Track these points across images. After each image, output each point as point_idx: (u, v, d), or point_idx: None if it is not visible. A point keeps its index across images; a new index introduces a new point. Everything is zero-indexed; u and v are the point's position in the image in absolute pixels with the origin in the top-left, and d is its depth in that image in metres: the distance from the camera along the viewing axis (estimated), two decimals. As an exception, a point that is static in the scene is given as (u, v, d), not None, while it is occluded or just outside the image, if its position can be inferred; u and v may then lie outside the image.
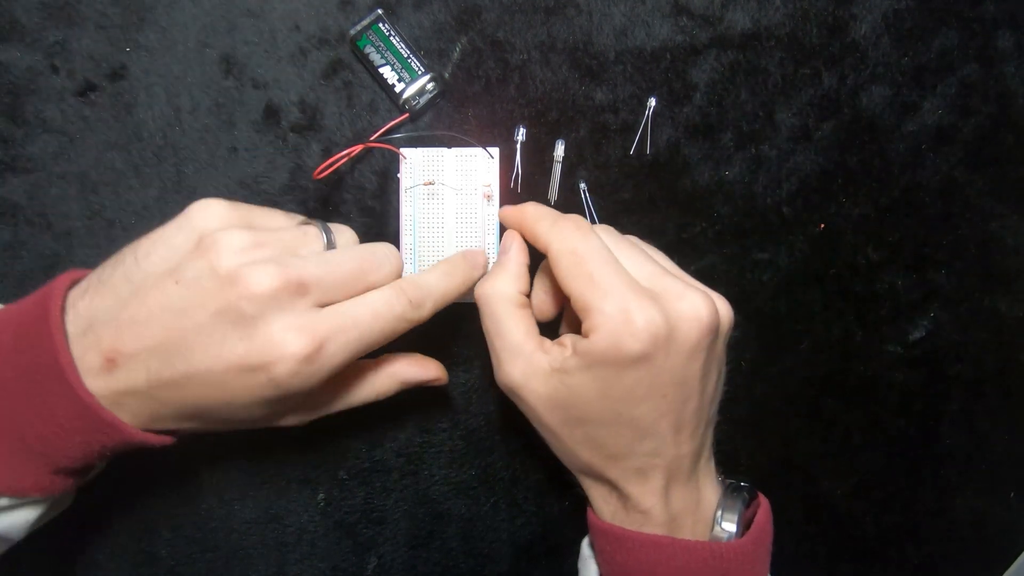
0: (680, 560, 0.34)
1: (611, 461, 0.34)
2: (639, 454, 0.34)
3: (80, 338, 0.30)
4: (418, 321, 0.34)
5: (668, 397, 0.33)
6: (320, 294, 0.31)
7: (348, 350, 0.31)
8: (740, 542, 0.34)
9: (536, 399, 0.34)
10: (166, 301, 0.29)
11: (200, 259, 0.30)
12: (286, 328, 0.29)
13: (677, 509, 0.35)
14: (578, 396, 0.33)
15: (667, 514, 0.35)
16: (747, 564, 0.34)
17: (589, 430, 0.34)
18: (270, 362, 0.29)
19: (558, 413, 0.34)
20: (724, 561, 0.34)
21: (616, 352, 0.31)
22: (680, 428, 0.34)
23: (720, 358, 0.35)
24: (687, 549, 0.34)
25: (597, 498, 0.36)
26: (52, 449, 0.29)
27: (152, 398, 0.30)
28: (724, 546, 0.34)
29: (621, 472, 0.34)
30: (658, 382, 0.32)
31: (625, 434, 0.33)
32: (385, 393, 0.37)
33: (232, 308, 0.29)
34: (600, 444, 0.34)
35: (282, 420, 0.35)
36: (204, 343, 0.29)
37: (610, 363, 0.32)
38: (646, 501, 0.34)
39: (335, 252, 0.33)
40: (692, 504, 0.35)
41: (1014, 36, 0.42)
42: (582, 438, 0.34)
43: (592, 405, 0.33)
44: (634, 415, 0.33)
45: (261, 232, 0.31)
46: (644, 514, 0.34)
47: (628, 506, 0.35)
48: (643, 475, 0.34)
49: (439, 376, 0.38)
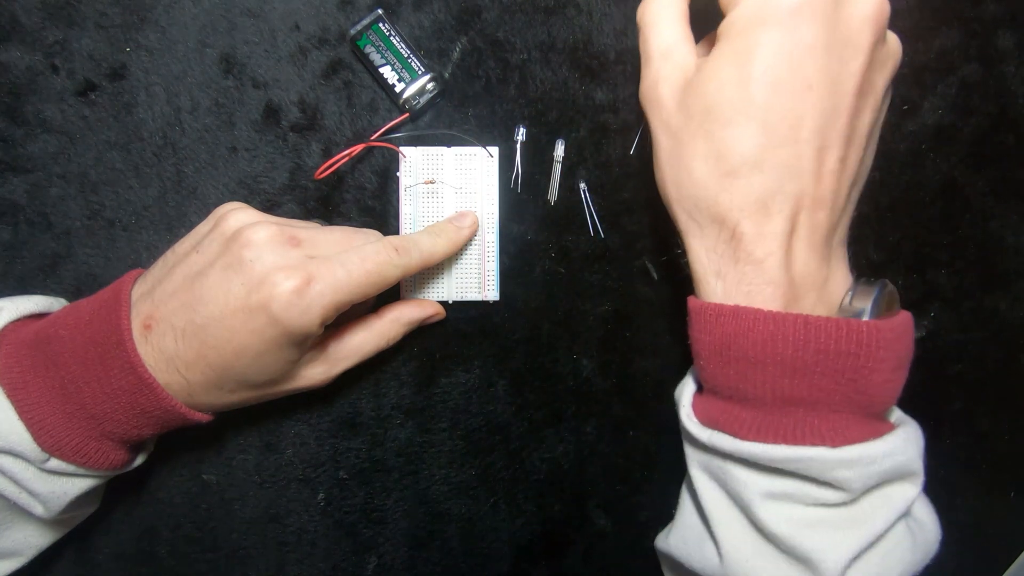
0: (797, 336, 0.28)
1: (730, 179, 0.29)
2: (767, 170, 0.28)
3: (133, 314, 0.34)
4: (406, 268, 0.36)
5: (815, 91, 0.28)
6: (311, 248, 0.34)
7: (337, 288, 0.33)
8: (876, 323, 0.28)
9: (670, 94, 0.31)
10: (188, 270, 0.34)
11: (214, 231, 0.35)
12: (278, 268, 0.32)
13: (799, 273, 0.29)
14: (712, 78, 0.29)
15: (786, 273, 0.29)
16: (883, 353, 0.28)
17: (715, 129, 0.29)
18: (267, 299, 0.32)
19: (686, 108, 0.30)
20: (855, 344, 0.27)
21: (762, 7, 0.28)
22: (824, 150, 0.28)
23: (878, 92, 0.30)
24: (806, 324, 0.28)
25: (702, 254, 0.31)
26: (106, 412, 0.33)
27: (179, 359, 0.33)
28: (856, 324, 0.28)
29: (740, 197, 0.29)
30: (805, 65, 0.27)
31: (755, 135, 0.28)
32: (393, 338, 0.40)
33: (235, 258, 0.33)
34: (724, 151, 0.29)
35: (303, 374, 0.36)
36: (214, 293, 0.32)
37: (756, 23, 0.28)
38: (763, 246, 0.29)
39: (327, 227, 0.38)
40: (818, 277, 0.30)
41: (1014, 36, 0.42)
42: (704, 144, 0.29)
43: (725, 88, 0.29)
44: (771, 105, 0.28)
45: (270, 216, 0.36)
46: (757, 265, 0.29)
47: (739, 254, 0.29)
48: (765, 208, 0.29)
49: (437, 311, 0.41)
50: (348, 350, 0.38)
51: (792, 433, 0.29)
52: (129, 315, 0.33)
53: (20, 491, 0.33)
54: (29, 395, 0.32)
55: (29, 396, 0.32)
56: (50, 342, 0.33)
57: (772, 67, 0.28)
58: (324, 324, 0.34)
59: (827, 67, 0.28)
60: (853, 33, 0.28)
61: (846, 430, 0.29)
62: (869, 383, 0.28)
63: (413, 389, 0.43)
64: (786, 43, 0.28)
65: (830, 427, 0.29)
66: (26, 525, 0.37)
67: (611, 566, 0.44)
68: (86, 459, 0.33)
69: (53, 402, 0.33)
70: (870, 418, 0.30)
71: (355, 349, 0.38)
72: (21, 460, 0.33)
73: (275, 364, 0.34)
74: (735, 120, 0.29)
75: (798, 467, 0.29)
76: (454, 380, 0.43)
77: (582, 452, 0.43)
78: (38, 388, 0.33)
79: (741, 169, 0.29)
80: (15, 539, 0.36)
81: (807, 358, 0.28)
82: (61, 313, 0.35)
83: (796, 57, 0.28)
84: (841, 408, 0.29)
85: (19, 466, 0.33)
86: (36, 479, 0.33)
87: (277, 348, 0.33)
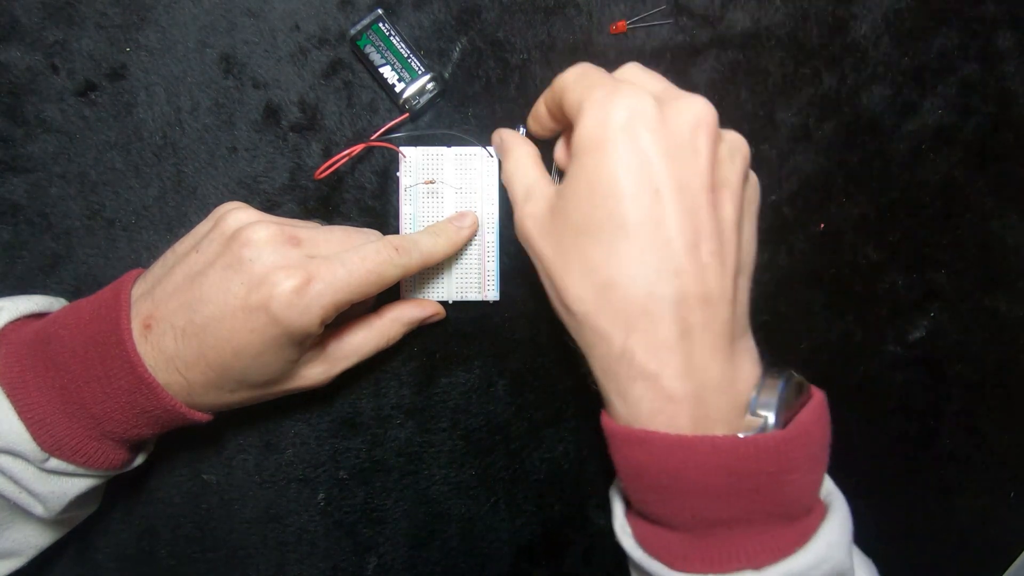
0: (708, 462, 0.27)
1: (606, 291, 0.28)
2: (640, 276, 0.28)
3: (133, 314, 0.34)
4: (406, 267, 0.36)
5: (664, 194, 0.28)
6: (311, 248, 0.34)
7: (337, 288, 0.33)
8: (783, 434, 0.27)
9: (538, 227, 0.32)
10: (188, 269, 0.34)
11: (214, 230, 0.35)
12: (278, 268, 0.32)
13: (702, 380, 0.28)
14: (569, 198, 0.30)
15: (686, 383, 0.27)
16: (795, 459, 0.27)
17: (584, 245, 0.29)
18: (266, 299, 0.32)
19: (555, 232, 0.31)
20: (766, 462, 0.27)
21: (600, 126, 0.29)
22: (694, 246, 0.28)
23: (734, 185, 0.30)
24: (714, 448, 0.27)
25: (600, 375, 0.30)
26: (106, 412, 0.33)
27: (179, 359, 0.33)
28: (764, 440, 0.27)
29: (620, 307, 0.28)
30: (649, 172, 0.28)
31: (620, 244, 0.28)
32: (393, 338, 0.40)
33: (235, 258, 0.33)
34: (595, 264, 0.29)
35: (303, 374, 0.36)
36: (214, 293, 0.32)
37: (596, 144, 0.29)
38: (656, 357, 0.27)
39: (327, 227, 0.38)
40: (724, 379, 0.28)
41: (1014, 36, 0.42)
42: (577, 261, 0.30)
43: (582, 205, 0.29)
44: (626, 213, 0.28)
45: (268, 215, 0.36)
46: (654, 381, 0.27)
47: (633, 372, 0.28)
48: (649, 316, 0.28)
49: (437, 311, 0.41)
50: (348, 350, 0.38)
51: (719, 559, 0.28)
52: (129, 315, 0.33)
53: (20, 491, 0.33)
54: (29, 395, 0.32)
55: (29, 396, 0.32)
56: (50, 342, 0.33)
57: (618, 179, 0.28)
58: (324, 324, 0.34)
59: (671, 171, 0.28)
60: (686, 139, 0.29)
61: (770, 544, 0.28)
62: (785, 493, 0.28)
63: (413, 389, 0.43)
64: (625, 155, 0.28)
65: (754, 545, 0.28)
66: (26, 525, 0.37)
67: (611, 566, 0.44)
68: (86, 459, 0.33)
69: (53, 402, 0.33)
70: (792, 522, 0.29)
71: (355, 349, 0.38)
72: (21, 460, 0.33)
73: (275, 364, 0.34)
74: (599, 235, 0.29)
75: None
76: (454, 380, 0.43)
77: (582, 452, 0.43)
78: (38, 388, 0.33)
79: (614, 279, 0.28)
80: (15, 539, 0.36)
81: (720, 483, 0.27)
82: (61, 313, 0.35)
83: (638, 166, 0.28)
84: (762, 522, 0.28)
85: (19, 466, 0.33)
86: (36, 479, 0.33)
87: (277, 348, 0.33)
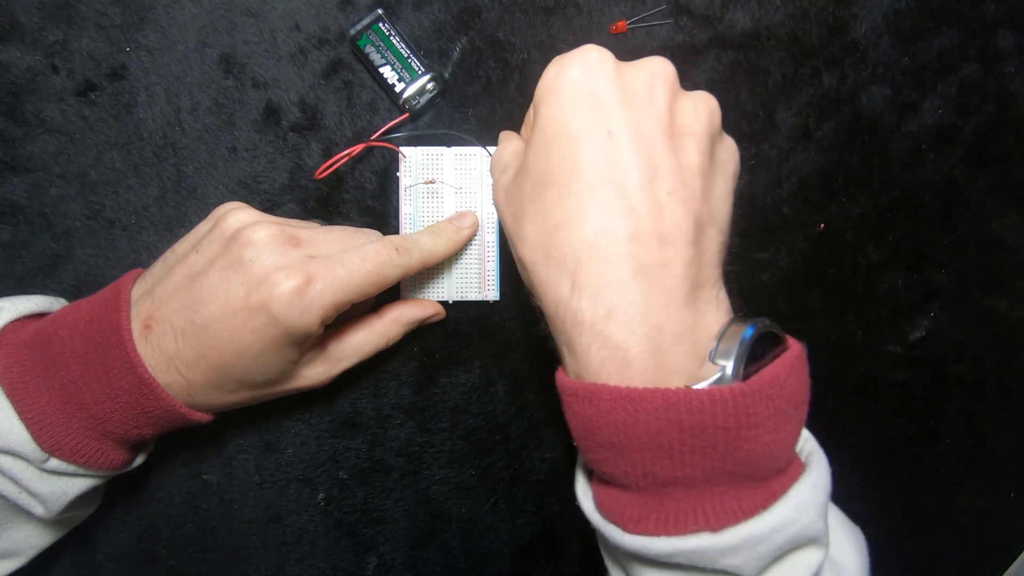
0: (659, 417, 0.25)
1: (556, 233, 0.27)
2: (591, 214, 0.27)
3: (133, 314, 0.34)
4: (406, 267, 0.36)
5: (617, 135, 0.27)
6: (311, 248, 0.34)
7: (337, 288, 0.33)
8: (743, 387, 0.25)
9: (504, 193, 0.31)
10: (188, 270, 0.34)
11: (214, 231, 0.35)
12: (278, 268, 0.33)
13: (658, 323, 0.26)
14: (528, 154, 0.29)
15: (636, 329, 0.25)
16: (759, 416, 0.25)
17: (539, 194, 0.28)
18: (267, 299, 0.32)
19: (517, 192, 0.30)
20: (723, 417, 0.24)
21: (556, 77, 0.29)
22: (650, 183, 0.27)
23: (700, 134, 0.28)
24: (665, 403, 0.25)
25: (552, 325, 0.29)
26: (106, 412, 0.33)
27: (179, 359, 0.33)
28: (720, 393, 0.24)
29: (567, 247, 0.27)
30: (603, 117, 0.27)
31: (570, 185, 0.27)
32: (393, 338, 0.40)
33: (235, 258, 0.33)
34: (547, 209, 0.28)
35: (303, 374, 0.37)
36: (214, 293, 0.33)
37: (550, 92, 0.29)
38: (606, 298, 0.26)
39: (327, 227, 0.38)
40: (683, 325, 0.26)
41: (1014, 36, 0.42)
42: (532, 209, 0.29)
43: (539, 156, 0.29)
44: (577, 154, 0.27)
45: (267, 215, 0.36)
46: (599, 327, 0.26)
47: (580, 316, 0.26)
48: (596, 253, 0.26)
49: (437, 311, 0.41)
50: (348, 350, 0.38)
51: (674, 520, 0.26)
52: (129, 315, 0.33)
53: (20, 491, 0.34)
54: (29, 395, 0.33)
55: (29, 396, 0.32)
56: (50, 342, 0.33)
57: (571, 122, 0.28)
58: (324, 324, 0.34)
59: (626, 116, 0.28)
60: (642, 89, 0.28)
61: (731, 506, 0.25)
62: (747, 452, 0.25)
63: (413, 389, 0.43)
64: (578, 100, 0.28)
65: (713, 506, 0.26)
66: (26, 525, 0.37)
67: (611, 566, 0.44)
68: (86, 459, 0.34)
69: (53, 402, 0.33)
70: (759, 483, 0.26)
71: (355, 349, 0.38)
72: (21, 460, 0.33)
73: (275, 364, 0.34)
74: (552, 180, 0.28)
75: (683, 560, 0.26)
76: (454, 380, 0.43)
77: (582, 452, 0.43)
78: (38, 388, 0.33)
79: (565, 221, 0.27)
80: (15, 539, 0.36)
81: (671, 439, 0.25)
82: (61, 313, 0.35)
83: (590, 109, 0.28)
84: (723, 482, 0.26)
85: (19, 466, 0.33)
86: (36, 479, 0.33)
87: (277, 348, 0.33)
